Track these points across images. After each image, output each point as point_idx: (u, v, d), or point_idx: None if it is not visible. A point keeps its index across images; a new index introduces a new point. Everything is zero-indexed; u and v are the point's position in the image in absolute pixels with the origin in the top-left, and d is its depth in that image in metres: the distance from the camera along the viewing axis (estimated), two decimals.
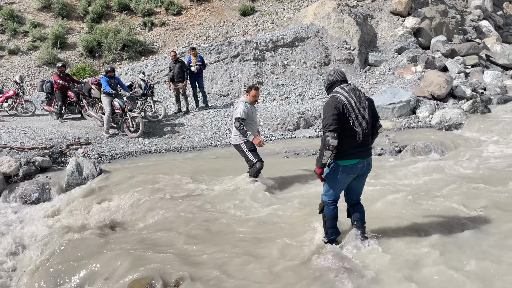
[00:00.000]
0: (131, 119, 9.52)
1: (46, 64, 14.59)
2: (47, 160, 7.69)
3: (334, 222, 4.08)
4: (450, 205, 5.11)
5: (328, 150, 3.61)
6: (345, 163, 3.76)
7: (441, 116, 10.05)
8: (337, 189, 3.94)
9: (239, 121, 5.79)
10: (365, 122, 3.73)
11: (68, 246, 4.48)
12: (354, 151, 3.75)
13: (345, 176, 3.83)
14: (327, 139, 3.59)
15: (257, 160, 5.96)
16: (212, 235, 4.59)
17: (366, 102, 3.77)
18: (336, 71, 3.97)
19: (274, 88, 12.76)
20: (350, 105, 3.67)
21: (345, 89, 3.76)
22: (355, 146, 3.73)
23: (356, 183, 4.00)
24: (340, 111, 3.63)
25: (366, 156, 3.85)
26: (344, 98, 3.68)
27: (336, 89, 3.79)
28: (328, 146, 3.59)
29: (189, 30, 16.50)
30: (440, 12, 16.07)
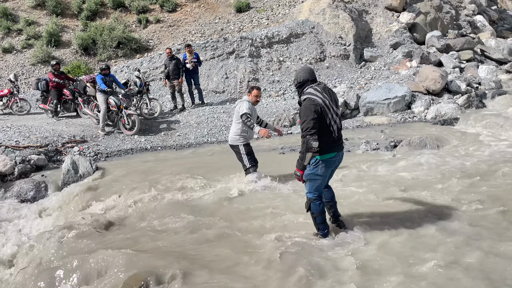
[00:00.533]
0: (126, 116, 9.50)
1: (40, 62, 14.51)
2: (42, 159, 7.67)
3: (323, 216, 4.25)
4: (445, 199, 5.15)
5: (310, 153, 3.81)
6: (325, 157, 3.96)
7: (436, 111, 10.09)
8: (320, 183, 4.11)
9: (246, 115, 5.65)
10: (338, 118, 4.00)
11: (64, 245, 4.48)
12: (332, 146, 3.98)
13: (326, 170, 4.03)
14: (309, 142, 3.76)
15: (251, 165, 5.90)
16: (208, 234, 4.60)
17: (335, 98, 4.01)
18: (307, 70, 4.09)
19: (270, 84, 12.76)
20: (325, 106, 3.86)
21: (317, 89, 3.91)
22: (332, 141, 3.96)
23: (331, 174, 4.26)
24: (319, 114, 3.81)
25: (341, 149, 4.12)
26: (320, 100, 3.85)
27: (308, 90, 3.93)
28: (311, 148, 3.78)
29: (184, 27, 16.45)
30: (434, 7, 16.09)
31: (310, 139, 3.76)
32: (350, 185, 5.83)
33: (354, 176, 6.19)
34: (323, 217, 4.23)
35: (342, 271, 3.69)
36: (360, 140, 8.41)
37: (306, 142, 3.78)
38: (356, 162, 6.94)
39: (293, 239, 4.31)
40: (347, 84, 12.38)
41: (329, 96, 3.93)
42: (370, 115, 10.59)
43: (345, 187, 5.74)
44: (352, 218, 4.70)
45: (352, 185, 5.83)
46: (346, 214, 4.75)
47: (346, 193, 5.53)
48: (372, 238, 4.24)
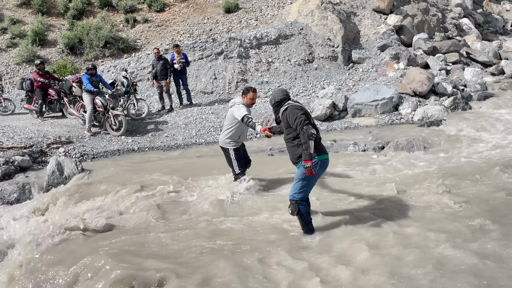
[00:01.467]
0: (113, 117, 9.39)
1: (25, 62, 14.26)
2: (27, 160, 7.53)
3: (310, 216, 4.42)
4: (431, 200, 5.19)
5: (311, 140, 3.95)
6: (322, 157, 4.22)
7: (423, 112, 10.19)
8: (313, 184, 4.30)
9: (247, 117, 5.24)
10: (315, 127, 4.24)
11: (49, 248, 4.40)
12: (322, 147, 4.30)
13: (321, 170, 4.25)
14: (308, 130, 3.95)
15: (241, 171, 5.78)
16: (196, 236, 4.55)
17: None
18: (282, 90, 4.53)
19: (259, 85, 12.74)
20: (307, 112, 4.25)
21: (296, 102, 4.36)
22: (319, 143, 4.27)
23: None
24: (305, 112, 4.18)
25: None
26: (300, 105, 4.27)
27: (288, 102, 4.34)
28: (311, 135, 3.95)
29: (173, 27, 16.34)
30: (421, 10, 16.27)
31: (308, 127, 3.97)
32: (337, 185, 5.85)
33: (341, 177, 6.20)
34: (310, 217, 4.40)
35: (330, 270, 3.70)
36: (348, 142, 8.45)
37: (305, 131, 3.96)
38: (344, 163, 6.96)
39: (283, 241, 4.30)
40: (335, 85, 12.43)
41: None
42: (358, 117, 10.64)
43: (332, 188, 5.75)
44: (340, 217, 4.72)
45: (338, 185, 5.84)
46: (331, 212, 4.77)
47: (332, 193, 5.54)
48: (357, 239, 4.26)
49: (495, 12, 21.43)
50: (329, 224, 4.60)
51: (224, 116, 10.56)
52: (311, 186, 4.28)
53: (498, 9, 21.88)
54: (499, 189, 5.46)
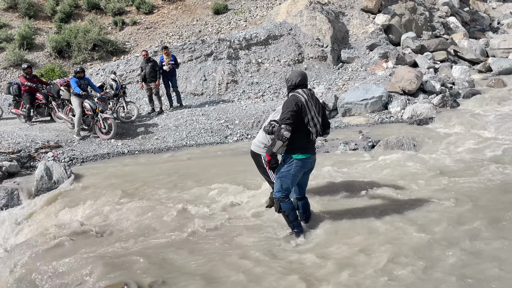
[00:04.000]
0: (102, 120, 9.30)
1: (13, 66, 14.08)
2: (14, 165, 7.43)
3: (295, 213, 4.38)
4: (421, 197, 5.22)
5: (280, 140, 3.90)
6: (299, 156, 4.11)
7: (412, 111, 10.27)
8: (292, 183, 4.22)
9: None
10: (319, 125, 4.13)
11: (39, 254, 4.34)
12: (306, 147, 4.15)
13: (299, 169, 4.15)
14: (281, 130, 3.87)
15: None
16: (187, 241, 4.52)
17: (321, 110, 4.18)
18: (303, 74, 4.24)
19: (249, 86, 12.74)
20: (307, 106, 4.02)
21: (305, 92, 4.11)
22: (307, 142, 4.14)
23: (303, 179, 4.36)
24: (299, 108, 3.97)
25: (314, 153, 4.29)
26: (303, 99, 4.03)
27: (297, 90, 4.12)
28: (281, 136, 3.88)
29: (162, 29, 16.27)
30: (409, 9, 16.41)
31: (284, 128, 3.87)
32: (327, 185, 5.85)
33: (330, 176, 6.21)
34: (295, 214, 4.37)
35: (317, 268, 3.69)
36: (339, 141, 8.47)
37: (279, 130, 3.90)
38: (334, 162, 6.98)
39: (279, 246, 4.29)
40: (325, 85, 12.47)
41: (314, 102, 4.10)
42: (348, 116, 10.69)
43: (322, 188, 5.76)
44: (330, 217, 4.72)
45: (328, 185, 5.85)
46: (321, 212, 4.78)
47: (322, 193, 5.55)
48: (347, 238, 4.27)
49: (481, 10, 21.69)
50: (319, 224, 4.60)
51: (215, 118, 10.55)
52: (289, 184, 4.19)
53: (484, 7, 22.15)
54: (490, 185, 5.51)
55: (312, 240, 4.35)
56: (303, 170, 4.21)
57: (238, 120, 10.36)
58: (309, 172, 4.41)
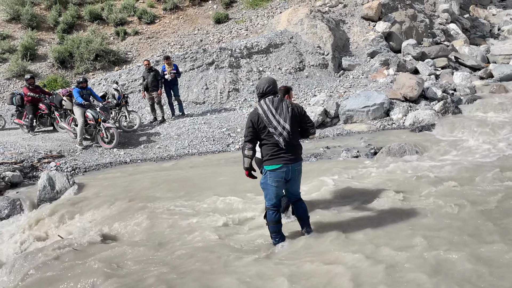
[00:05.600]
0: (105, 130, 9.34)
1: (15, 77, 14.18)
2: (17, 175, 7.46)
3: (276, 227, 4.33)
4: (424, 204, 5.20)
5: (246, 157, 4.09)
6: (270, 167, 4.09)
7: (414, 117, 10.26)
8: (271, 193, 4.19)
9: None
10: (286, 132, 3.99)
11: (41, 265, 4.33)
12: (276, 157, 4.05)
13: (272, 180, 4.11)
14: (244, 149, 4.09)
15: None
16: (191, 251, 4.50)
17: (288, 114, 4.03)
18: (271, 81, 4.19)
19: (250, 94, 12.77)
20: (267, 117, 3.99)
21: (269, 101, 4.06)
22: (276, 152, 4.04)
23: (289, 186, 4.27)
24: (255, 122, 4.02)
25: (292, 162, 4.10)
26: (261, 111, 4.02)
27: (261, 101, 4.10)
28: (245, 155, 4.09)
29: (163, 39, 16.37)
30: (409, 17, 16.47)
31: (245, 146, 4.08)
32: (327, 192, 5.84)
33: (332, 184, 6.20)
34: (276, 228, 4.33)
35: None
36: (341, 148, 8.47)
37: (243, 148, 4.11)
38: (336, 169, 6.96)
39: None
40: (326, 92, 12.49)
41: (278, 110, 4.01)
42: (350, 123, 10.69)
43: (321, 194, 5.74)
44: (328, 225, 4.70)
45: (329, 192, 5.83)
46: (320, 221, 4.76)
47: (324, 200, 5.53)
48: (348, 244, 4.24)
49: (481, 17, 21.75)
50: (318, 230, 4.56)
51: (216, 126, 10.57)
52: (271, 195, 4.17)
53: (484, 13, 22.22)
54: (493, 192, 5.48)
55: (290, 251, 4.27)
56: (279, 180, 4.10)
57: (240, 128, 10.37)
58: (294, 181, 4.21)
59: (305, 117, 4.20)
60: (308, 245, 4.31)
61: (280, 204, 4.32)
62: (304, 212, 4.43)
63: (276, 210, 4.25)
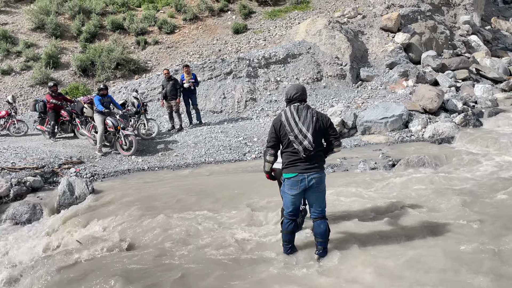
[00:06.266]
0: (124, 137, 9.48)
1: (39, 84, 14.56)
2: (38, 180, 7.60)
3: (288, 237, 4.28)
4: (444, 218, 5.09)
5: (267, 162, 4.23)
6: (287, 175, 4.08)
7: (434, 129, 10.11)
8: (287, 201, 4.16)
9: None
10: (307, 141, 3.93)
11: (60, 269, 4.39)
12: (293, 165, 4.03)
13: (288, 188, 4.09)
14: (266, 155, 4.22)
15: None
16: (210, 260, 4.50)
17: (312, 123, 3.97)
18: (299, 88, 4.13)
19: (268, 104, 12.81)
20: (289, 125, 3.97)
21: (294, 108, 4.03)
22: (295, 160, 4.02)
23: (309, 197, 4.17)
24: (277, 129, 4.05)
25: (308, 171, 4.01)
26: (284, 118, 4.02)
27: (287, 107, 4.10)
28: (266, 160, 4.22)
29: (182, 48, 16.60)
30: (429, 28, 16.33)
31: (267, 152, 4.19)
32: (345, 204, 5.78)
33: (350, 195, 6.13)
34: (288, 237, 4.28)
35: None
36: (358, 159, 8.38)
37: (265, 153, 4.26)
38: (353, 181, 6.89)
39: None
40: (344, 103, 12.43)
41: (301, 118, 3.97)
42: (367, 134, 10.60)
43: (340, 207, 5.68)
44: (344, 237, 4.64)
45: (347, 204, 5.77)
46: (337, 231, 4.70)
47: (340, 212, 5.47)
48: (364, 259, 4.17)
49: (503, 29, 21.40)
50: (335, 243, 4.51)
51: (233, 135, 10.62)
52: (288, 203, 4.13)
53: (506, 25, 21.86)
54: None
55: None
56: (295, 189, 4.02)
57: (256, 137, 10.39)
58: (312, 192, 4.06)
59: (330, 129, 4.10)
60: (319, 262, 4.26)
61: (297, 214, 4.25)
62: (321, 233, 4.16)
63: (291, 220, 4.19)
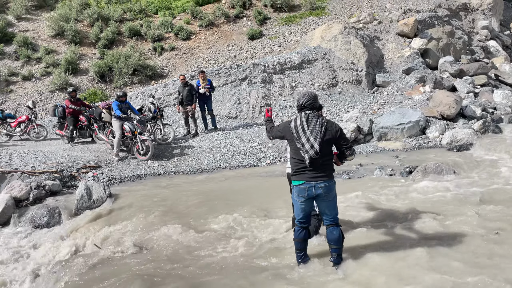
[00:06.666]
0: (140, 142, 9.60)
1: (58, 89, 14.87)
2: (57, 184, 7.74)
3: (300, 244, 4.23)
4: (462, 227, 5.00)
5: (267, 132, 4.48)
6: (295, 182, 4.07)
7: (452, 136, 9.96)
8: (297, 208, 4.15)
9: None
10: (313, 150, 3.88)
11: (78, 272, 4.45)
12: (300, 173, 4.01)
13: (297, 195, 4.07)
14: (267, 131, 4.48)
15: None
16: (224, 266, 4.51)
17: (320, 133, 3.92)
18: (311, 96, 4.10)
19: (282, 109, 12.82)
20: (297, 132, 3.97)
21: (301, 116, 4.01)
22: (302, 168, 3.99)
23: (319, 205, 4.16)
24: (283, 131, 4.13)
25: (315, 180, 3.97)
26: (293, 125, 4.03)
27: (298, 115, 4.07)
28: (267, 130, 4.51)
29: (198, 54, 16.77)
30: (446, 33, 16.14)
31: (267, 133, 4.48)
32: (361, 211, 5.73)
33: (366, 202, 6.08)
34: (299, 246, 4.23)
35: None
36: (374, 166, 8.30)
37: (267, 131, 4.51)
38: (369, 188, 6.83)
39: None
40: (359, 109, 12.36)
41: (311, 126, 3.94)
42: (383, 140, 10.50)
43: (357, 214, 5.63)
44: (360, 244, 4.59)
45: (364, 211, 5.71)
46: (353, 238, 4.65)
47: (356, 218, 5.42)
48: (381, 266, 4.11)
49: None
50: (351, 251, 4.46)
51: (248, 140, 10.64)
52: (298, 210, 4.12)
53: None
54: None
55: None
56: (302, 196, 4.01)
57: (271, 143, 10.39)
58: (322, 200, 4.03)
59: (341, 138, 4.03)
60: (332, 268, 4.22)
61: (307, 222, 4.21)
62: (334, 239, 4.12)
63: (302, 228, 4.16)
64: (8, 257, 5.43)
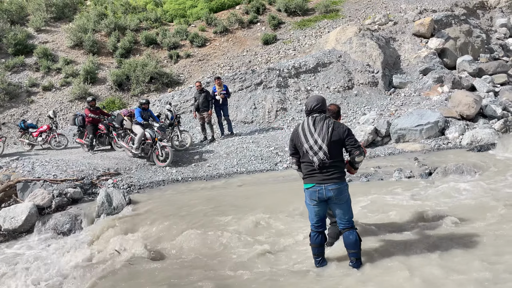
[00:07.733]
0: (160, 148, 9.73)
1: (78, 99, 15.18)
2: (78, 192, 7.90)
3: (316, 249, 4.22)
4: (484, 229, 4.89)
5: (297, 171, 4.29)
6: (305, 186, 4.10)
7: (472, 136, 9.77)
8: (310, 212, 4.16)
9: None
10: (322, 152, 3.90)
11: (99, 278, 4.53)
12: (310, 176, 4.04)
13: (308, 199, 4.09)
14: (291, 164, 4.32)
15: None
16: (239, 270, 4.52)
17: (327, 134, 3.92)
18: (319, 100, 4.11)
19: (298, 113, 12.80)
20: (304, 136, 3.99)
21: (309, 120, 4.04)
22: (312, 171, 4.01)
23: (332, 209, 4.14)
24: (294, 139, 4.12)
25: (325, 182, 3.96)
26: (300, 129, 4.07)
27: (305, 118, 4.11)
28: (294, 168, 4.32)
29: (213, 61, 16.91)
30: (464, 32, 15.88)
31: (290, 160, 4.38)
32: (381, 213, 5.66)
33: (385, 205, 6.01)
34: (317, 251, 4.23)
35: None
36: (393, 168, 8.21)
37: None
38: (389, 190, 6.75)
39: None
40: (376, 111, 12.25)
41: (318, 129, 3.95)
42: (402, 142, 10.37)
43: (376, 217, 5.57)
44: (380, 247, 4.54)
45: (383, 214, 5.65)
46: (373, 241, 4.60)
47: (375, 221, 5.36)
48: (402, 269, 4.05)
49: None
50: (371, 253, 4.41)
51: (264, 145, 10.65)
52: (312, 214, 4.13)
53: None
54: None
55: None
56: (314, 200, 4.01)
57: (287, 147, 10.37)
58: (334, 203, 4.01)
59: (348, 139, 3.98)
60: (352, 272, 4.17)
61: (323, 226, 4.18)
62: (351, 243, 4.07)
63: (317, 232, 4.14)
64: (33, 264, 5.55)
